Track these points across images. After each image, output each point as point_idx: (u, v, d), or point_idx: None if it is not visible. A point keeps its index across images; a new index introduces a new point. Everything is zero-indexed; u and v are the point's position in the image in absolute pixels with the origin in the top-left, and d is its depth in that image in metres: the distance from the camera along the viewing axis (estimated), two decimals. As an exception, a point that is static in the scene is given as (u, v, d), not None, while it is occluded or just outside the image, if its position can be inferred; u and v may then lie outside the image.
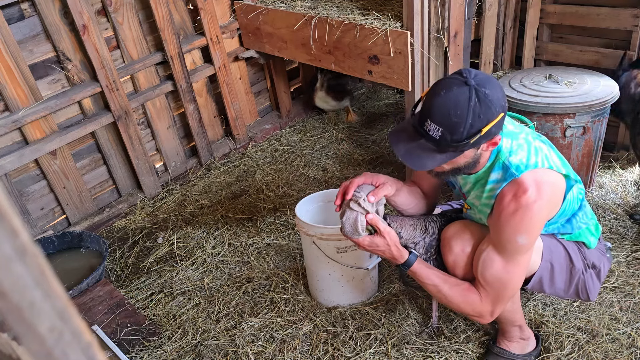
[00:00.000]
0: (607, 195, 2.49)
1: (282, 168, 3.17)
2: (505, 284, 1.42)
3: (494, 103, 1.25)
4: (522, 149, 1.40)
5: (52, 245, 2.50)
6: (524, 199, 1.33)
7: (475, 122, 1.24)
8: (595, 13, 2.65)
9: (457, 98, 1.24)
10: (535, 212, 1.33)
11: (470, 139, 1.26)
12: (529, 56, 2.94)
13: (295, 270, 2.31)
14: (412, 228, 1.61)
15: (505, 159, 1.39)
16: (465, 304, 1.48)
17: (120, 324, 2.05)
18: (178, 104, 3.09)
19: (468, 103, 1.23)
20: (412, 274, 1.54)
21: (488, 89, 1.25)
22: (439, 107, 1.26)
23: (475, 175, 1.48)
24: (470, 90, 1.24)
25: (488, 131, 1.27)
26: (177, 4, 2.91)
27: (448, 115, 1.25)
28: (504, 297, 1.45)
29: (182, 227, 2.71)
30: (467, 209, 1.61)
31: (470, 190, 1.54)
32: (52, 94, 2.53)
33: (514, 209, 1.34)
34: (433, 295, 1.58)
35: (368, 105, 3.85)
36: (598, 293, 1.71)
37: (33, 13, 2.39)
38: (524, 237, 1.35)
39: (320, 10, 2.70)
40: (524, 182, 1.34)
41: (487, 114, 1.25)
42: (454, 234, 1.54)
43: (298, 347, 1.92)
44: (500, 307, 1.47)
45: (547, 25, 2.90)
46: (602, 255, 1.66)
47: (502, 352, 1.75)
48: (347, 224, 1.52)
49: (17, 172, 2.50)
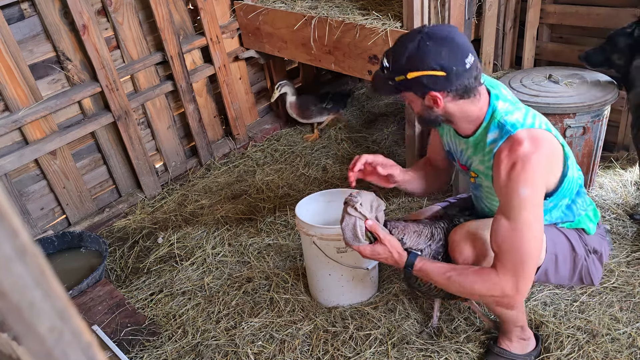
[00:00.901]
0: (607, 195, 2.49)
1: (282, 168, 3.17)
2: (517, 248, 1.35)
3: (432, 55, 1.32)
4: (519, 110, 1.44)
5: (52, 245, 2.50)
6: (520, 151, 1.34)
7: (405, 66, 1.36)
8: (595, 13, 2.65)
9: (405, 39, 1.38)
10: (533, 162, 1.33)
11: (397, 75, 1.38)
12: (529, 56, 2.94)
13: (295, 270, 2.31)
14: (416, 235, 1.59)
15: (501, 117, 1.42)
16: (482, 282, 1.39)
17: (120, 324, 2.05)
18: (178, 104, 3.09)
19: (406, 47, 1.36)
20: (418, 273, 1.51)
21: (434, 41, 1.33)
22: (392, 47, 1.42)
23: (474, 138, 1.50)
24: (418, 35, 1.36)
25: (417, 79, 1.35)
26: (177, 4, 2.91)
27: (392, 51, 1.41)
28: (523, 266, 1.35)
29: (182, 227, 2.71)
30: (474, 177, 1.60)
31: (472, 155, 1.55)
32: (52, 94, 2.53)
33: (512, 162, 1.35)
34: (447, 289, 1.50)
35: (368, 105, 3.85)
36: (600, 280, 1.70)
37: (33, 13, 2.39)
38: (525, 189, 1.33)
39: (320, 10, 2.70)
40: (518, 136, 1.37)
41: (418, 62, 1.34)
42: (462, 236, 1.54)
43: (298, 347, 1.92)
44: (523, 280, 1.36)
45: (547, 25, 2.90)
46: (602, 240, 1.68)
47: (502, 352, 1.75)
48: (347, 229, 1.52)
49: (17, 172, 2.50)
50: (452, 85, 1.36)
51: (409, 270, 1.53)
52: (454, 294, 1.54)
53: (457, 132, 1.57)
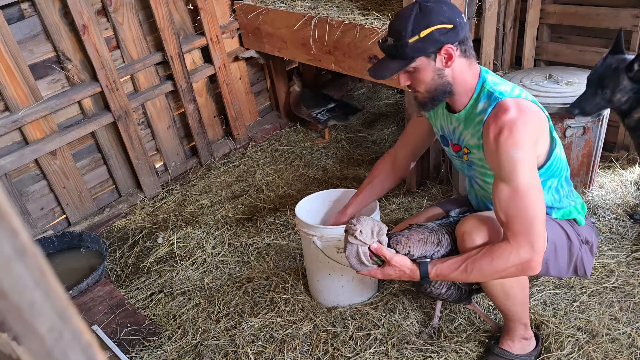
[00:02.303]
0: (607, 195, 2.49)
1: (282, 168, 3.17)
2: (523, 209, 1.36)
3: (436, 12, 1.38)
4: (507, 83, 1.50)
5: (52, 245, 2.50)
6: (506, 117, 1.39)
7: (415, 27, 1.38)
8: (595, 13, 2.65)
9: (403, 12, 1.43)
10: (519, 126, 1.38)
11: (411, 39, 1.39)
12: (529, 56, 2.94)
13: (295, 270, 2.31)
14: (421, 243, 1.57)
15: (490, 87, 1.48)
16: (498, 257, 1.39)
17: (120, 324, 2.05)
18: (178, 104, 3.09)
19: (410, 12, 1.40)
20: (435, 278, 1.52)
21: (432, 2, 1.40)
22: (392, 23, 1.45)
23: (465, 112, 1.53)
24: (415, 4, 1.41)
25: (430, 35, 1.38)
26: (177, 4, 2.91)
27: (395, 25, 1.43)
28: (533, 225, 1.36)
29: (182, 227, 2.71)
30: (466, 154, 1.61)
31: (463, 131, 1.57)
32: (52, 94, 2.53)
33: (500, 128, 1.39)
34: (468, 280, 1.49)
35: (368, 105, 3.85)
36: (591, 269, 1.72)
37: (33, 13, 2.39)
38: (516, 150, 1.37)
39: (320, 10, 2.70)
40: (505, 103, 1.42)
41: (426, 20, 1.38)
42: (472, 226, 1.53)
43: (298, 347, 1.92)
44: (537, 239, 1.37)
45: (547, 25, 2.90)
46: (591, 230, 1.71)
47: (502, 353, 1.75)
48: (351, 257, 1.53)
49: (17, 172, 2.50)
50: (459, 36, 1.41)
51: (427, 280, 1.52)
52: (476, 281, 1.54)
53: (450, 108, 1.59)
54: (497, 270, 1.41)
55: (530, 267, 1.40)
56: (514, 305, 1.64)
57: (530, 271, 1.42)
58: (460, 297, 1.74)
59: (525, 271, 1.42)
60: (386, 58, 1.48)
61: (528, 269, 1.40)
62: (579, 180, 2.46)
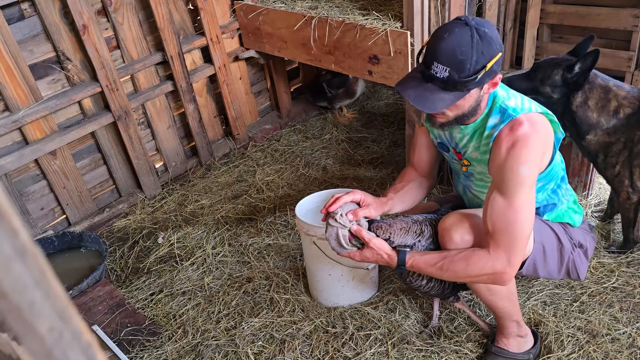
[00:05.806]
0: (607, 195, 2.49)
1: (282, 168, 3.17)
2: (512, 225, 1.37)
3: (494, 40, 1.34)
4: (516, 97, 1.50)
5: (52, 245, 2.50)
6: (520, 131, 1.39)
7: (479, 58, 1.32)
8: (595, 13, 2.65)
9: (461, 38, 1.32)
10: (532, 143, 1.38)
11: (477, 74, 1.33)
12: (529, 56, 2.94)
13: (295, 270, 2.31)
14: (403, 232, 1.59)
15: (502, 102, 1.47)
16: (473, 264, 1.42)
17: (120, 324, 2.05)
18: (178, 104, 3.09)
19: (471, 40, 1.31)
20: (411, 268, 1.54)
21: (487, 28, 1.34)
22: (444, 49, 1.32)
23: (473, 125, 1.52)
24: (471, 29, 1.32)
25: (491, 68, 1.34)
26: (177, 4, 2.91)
27: (454, 54, 1.31)
28: (516, 242, 1.38)
29: (182, 227, 2.71)
30: (466, 165, 1.62)
31: (467, 144, 1.57)
32: (52, 94, 2.53)
33: (513, 142, 1.39)
34: (442, 278, 1.53)
35: (368, 105, 3.85)
36: (586, 273, 1.73)
37: (33, 13, 2.39)
38: (525, 168, 1.37)
39: (320, 10, 2.70)
40: (519, 119, 1.42)
41: (489, 50, 1.33)
42: (451, 223, 1.53)
43: (298, 347, 1.92)
44: (515, 255, 1.39)
45: (547, 25, 2.90)
46: (586, 234, 1.71)
47: (500, 352, 1.75)
48: (331, 239, 1.58)
49: (17, 172, 2.50)
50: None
51: (402, 268, 1.54)
52: (449, 280, 1.56)
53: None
54: (470, 275, 1.46)
55: (502, 279, 1.44)
56: (500, 300, 1.63)
57: (500, 282, 1.46)
58: (443, 292, 1.75)
59: (496, 281, 1.46)
60: (434, 87, 1.36)
61: (499, 280, 1.44)
62: (578, 180, 2.46)
